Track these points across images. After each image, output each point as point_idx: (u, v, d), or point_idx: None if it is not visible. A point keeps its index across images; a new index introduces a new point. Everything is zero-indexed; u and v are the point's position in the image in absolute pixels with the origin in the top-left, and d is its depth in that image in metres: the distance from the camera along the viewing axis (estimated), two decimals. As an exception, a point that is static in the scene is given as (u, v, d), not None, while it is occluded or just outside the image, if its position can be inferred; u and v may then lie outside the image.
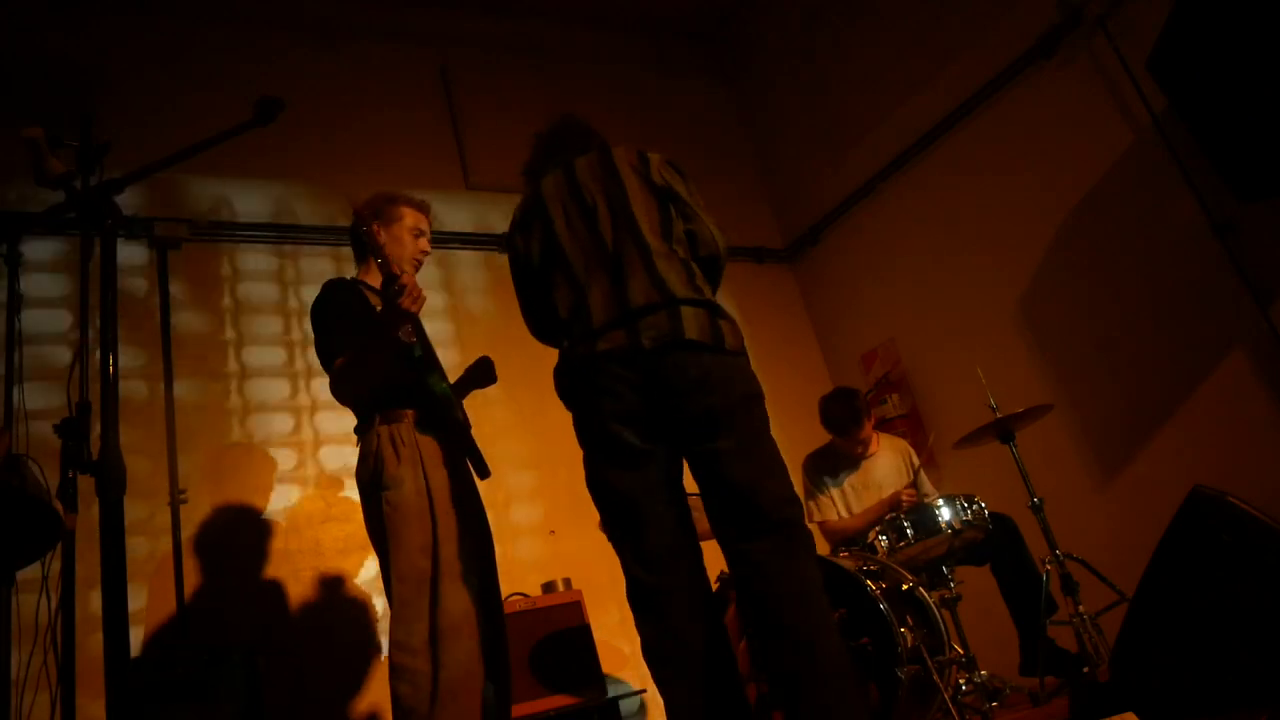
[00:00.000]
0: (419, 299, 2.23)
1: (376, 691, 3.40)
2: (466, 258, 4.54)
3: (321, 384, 3.40)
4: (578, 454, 2.09)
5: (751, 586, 1.90)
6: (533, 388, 4.12)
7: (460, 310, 4.40)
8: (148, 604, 3.22)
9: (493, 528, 2.54)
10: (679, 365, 1.96)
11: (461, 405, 2.56)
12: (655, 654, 1.96)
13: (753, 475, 1.94)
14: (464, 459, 2.47)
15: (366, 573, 3.57)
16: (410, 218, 2.61)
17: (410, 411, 2.38)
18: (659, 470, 2.02)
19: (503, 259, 4.61)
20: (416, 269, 2.61)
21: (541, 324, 2.32)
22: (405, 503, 2.28)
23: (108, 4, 4.07)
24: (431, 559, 2.25)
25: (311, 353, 2.75)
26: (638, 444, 1.99)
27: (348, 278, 2.60)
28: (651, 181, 2.20)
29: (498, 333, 4.35)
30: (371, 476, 2.34)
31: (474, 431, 2.50)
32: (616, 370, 1.99)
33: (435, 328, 2.82)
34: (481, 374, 2.62)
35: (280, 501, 3.61)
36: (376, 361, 2.33)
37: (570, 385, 2.11)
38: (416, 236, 2.61)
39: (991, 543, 3.40)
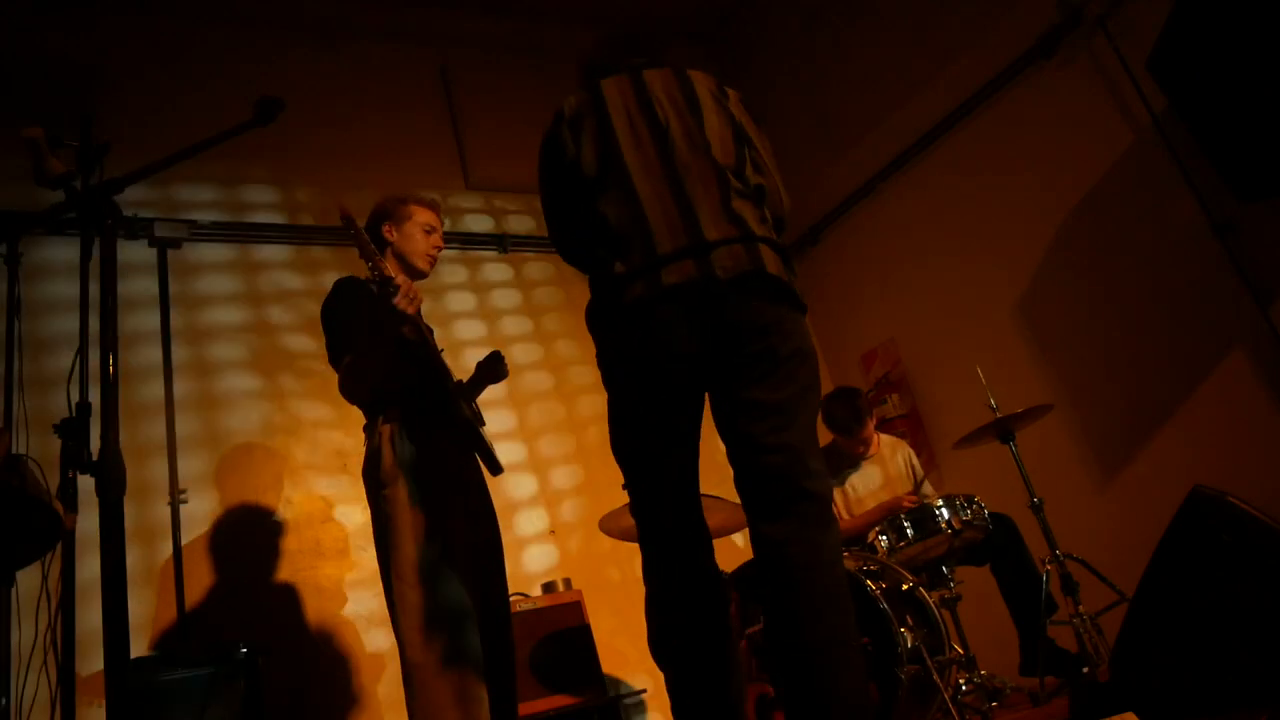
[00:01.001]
0: (415, 299, 2.24)
1: (377, 691, 3.40)
2: (466, 258, 4.54)
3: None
4: (577, 454, 2.08)
5: (770, 571, 1.75)
6: (532, 386, 4.15)
7: (460, 309, 4.40)
8: (148, 604, 3.23)
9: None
10: (754, 304, 1.81)
11: (473, 402, 2.57)
12: (663, 630, 1.88)
13: (794, 439, 1.79)
14: (470, 456, 2.48)
15: (367, 572, 3.57)
16: (420, 215, 2.63)
17: (411, 409, 2.39)
18: (692, 442, 1.89)
19: (504, 260, 4.61)
20: (431, 265, 2.63)
21: (576, 240, 2.04)
22: (400, 499, 2.29)
23: (108, 4, 4.07)
24: (427, 555, 2.26)
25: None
26: (682, 406, 1.85)
27: (361, 277, 2.60)
28: (731, 115, 2.03)
29: (498, 332, 4.35)
30: (372, 474, 2.37)
31: (474, 431, 2.50)
32: (679, 309, 1.80)
33: (434, 327, 2.82)
34: (492, 369, 2.63)
35: (281, 501, 3.61)
36: (378, 360, 2.34)
37: (612, 321, 1.89)
38: (428, 233, 2.63)
39: (991, 543, 3.41)
